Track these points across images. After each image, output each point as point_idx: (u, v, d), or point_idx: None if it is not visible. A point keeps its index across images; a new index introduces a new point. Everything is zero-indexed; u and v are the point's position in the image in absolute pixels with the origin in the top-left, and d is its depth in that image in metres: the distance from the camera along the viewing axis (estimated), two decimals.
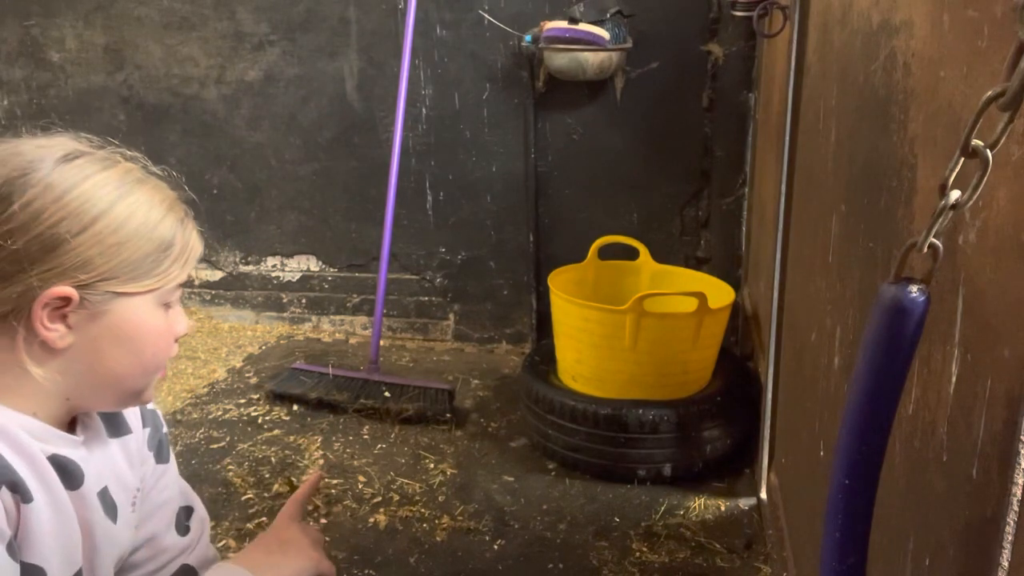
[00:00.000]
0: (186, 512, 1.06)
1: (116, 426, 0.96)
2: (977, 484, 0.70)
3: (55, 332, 0.81)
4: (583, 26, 2.66)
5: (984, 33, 0.71)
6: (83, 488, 0.86)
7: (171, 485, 1.04)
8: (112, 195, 0.83)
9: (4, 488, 0.77)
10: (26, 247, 0.78)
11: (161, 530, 1.02)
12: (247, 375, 2.90)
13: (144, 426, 1.01)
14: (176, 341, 0.92)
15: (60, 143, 0.85)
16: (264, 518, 2.09)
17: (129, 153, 0.89)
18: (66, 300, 0.80)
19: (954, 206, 0.58)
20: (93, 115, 3.21)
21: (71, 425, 0.90)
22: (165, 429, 1.05)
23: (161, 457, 1.03)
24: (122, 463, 0.95)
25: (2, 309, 0.79)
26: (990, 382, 0.68)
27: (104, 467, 0.92)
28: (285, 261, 3.27)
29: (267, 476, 2.27)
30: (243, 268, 3.31)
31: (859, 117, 1.21)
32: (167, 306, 0.89)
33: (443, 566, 1.93)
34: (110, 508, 0.91)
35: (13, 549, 0.78)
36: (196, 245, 0.91)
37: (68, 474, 0.85)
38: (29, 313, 0.79)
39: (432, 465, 2.34)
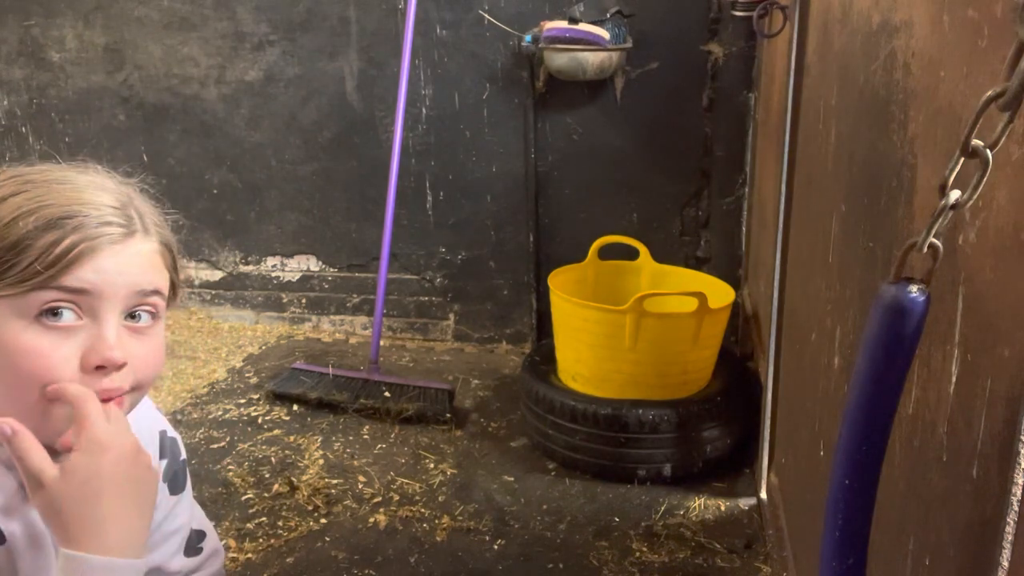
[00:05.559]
0: (198, 535, 1.04)
1: None
2: (977, 484, 0.70)
3: None
4: (583, 26, 2.66)
5: (984, 33, 0.71)
6: None
7: (183, 513, 1.01)
8: None
9: None
10: None
11: (167, 558, 0.99)
12: (247, 375, 2.90)
13: (161, 457, 0.97)
14: (97, 371, 0.74)
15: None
16: (264, 518, 2.08)
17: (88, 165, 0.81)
18: None
19: (954, 206, 0.58)
20: (93, 115, 3.20)
21: None
22: (183, 457, 1.01)
23: (176, 488, 1.00)
24: None
25: None
26: (990, 382, 0.68)
27: None
28: (285, 261, 3.27)
29: (267, 476, 2.27)
30: (243, 268, 3.31)
31: (859, 117, 1.21)
32: (44, 324, 0.73)
33: (443, 566, 1.93)
34: None
35: None
36: (82, 244, 0.75)
37: None
38: None
39: (432, 465, 2.34)
